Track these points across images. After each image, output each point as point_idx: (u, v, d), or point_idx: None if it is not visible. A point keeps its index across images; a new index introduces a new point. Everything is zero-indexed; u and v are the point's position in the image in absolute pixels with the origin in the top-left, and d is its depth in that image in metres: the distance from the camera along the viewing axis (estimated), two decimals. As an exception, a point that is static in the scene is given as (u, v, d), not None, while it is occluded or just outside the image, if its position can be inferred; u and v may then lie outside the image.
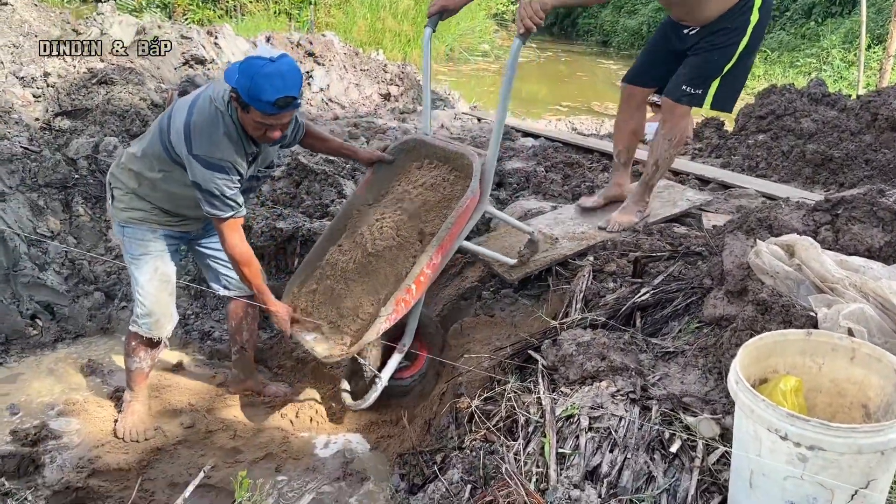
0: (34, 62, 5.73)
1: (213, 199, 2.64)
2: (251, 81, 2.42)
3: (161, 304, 2.98)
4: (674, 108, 3.23)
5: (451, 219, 2.70)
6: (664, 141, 3.30)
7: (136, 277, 2.95)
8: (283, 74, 2.45)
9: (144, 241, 2.90)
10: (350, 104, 6.81)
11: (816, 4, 13.54)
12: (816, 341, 1.84)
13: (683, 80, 3.18)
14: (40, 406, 3.39)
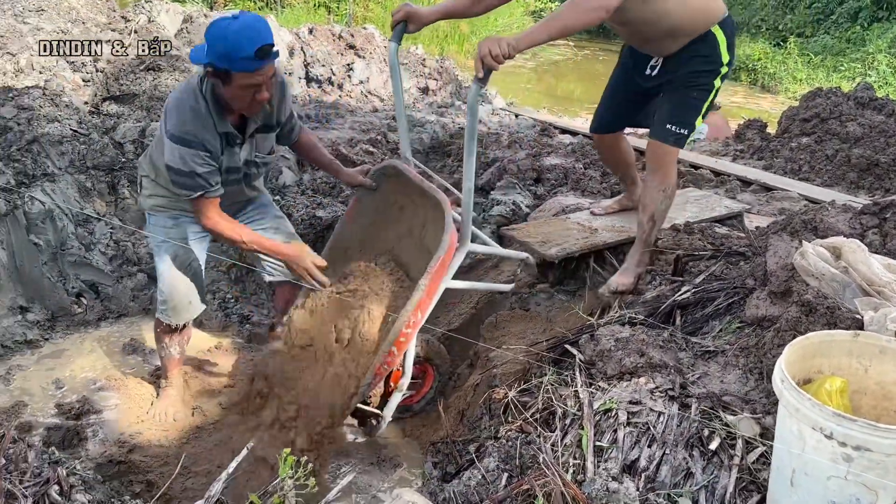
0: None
1: (181, 177, 2.57)
2: (225, 42, 2.35)
3: (178, 292, 2.96)
4: (662, 151, 2.94)
5: (424, 281, 2.60)
6: (658, 192, 3.00)
7: (157, 264, 2.98)
8: (252, 26, 2.38)
9: (165, 229, 2.91)
10: (389, 97, 6.86)
11: (863, 9, 13.30)
12: (864, 343, 1.82)
13: (668, 119, 2.91)
14: (83, 381, 3.49)
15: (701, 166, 4.58)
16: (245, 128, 2.70)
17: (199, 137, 2.53)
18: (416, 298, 2.60)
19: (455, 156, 5.13)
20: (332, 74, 6.63)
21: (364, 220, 3.15)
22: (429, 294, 2.66)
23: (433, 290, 2.68)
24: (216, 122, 2.58)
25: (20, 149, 4.00)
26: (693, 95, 2.87)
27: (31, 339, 3.72)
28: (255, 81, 2.43)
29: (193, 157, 2.53)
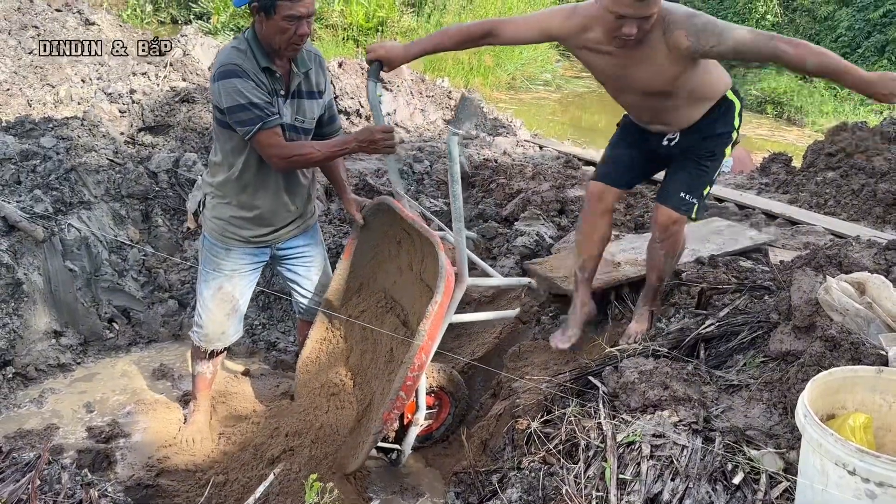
0: (121, 79, 6.05)
1: (239, 112, 2.57)
2: None
3: (215, 322, 3.04)
4: (673, 220, 2.81)
5: (424, 328, 2.58)
6: (666, 258, 2.93)
7: (201, 289, 3.05)
8: None
9: (217, 259, 2.96)
10: (415, 129, 6.96)
11: (890, 42, 13.25)
12: (887, 379, 1.83)
13: (682, 188, 2.80)
14: (114, 405, 3.56)
15: (726, 199, 4.59)
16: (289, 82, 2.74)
17: (242, 67, 2.57)
18: (418, 345, 2.60)
19: (479, 186, 5.19)
20: (360, 107, 6.76)
21: (363, 257, 3.17)
22: (431, 337, 2.65)
23: (434, 333, 2.67)
24: (257, 57, 2.61)
25: (58, 177, 4.14)
26: (707, 165, 2.79)
27: (64, 362, 3.81)
28: (297, 12, 2.50)
29: (242, 86, 2.56)
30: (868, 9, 14.09)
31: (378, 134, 2.62)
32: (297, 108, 2.78)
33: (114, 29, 8.84)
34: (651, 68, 2.54)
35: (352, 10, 14.70)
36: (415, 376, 2.66)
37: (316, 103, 2.85)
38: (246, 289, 3.06)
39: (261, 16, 2.55)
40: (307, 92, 2.80)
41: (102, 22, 8.77)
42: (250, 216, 2.89)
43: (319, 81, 2.85)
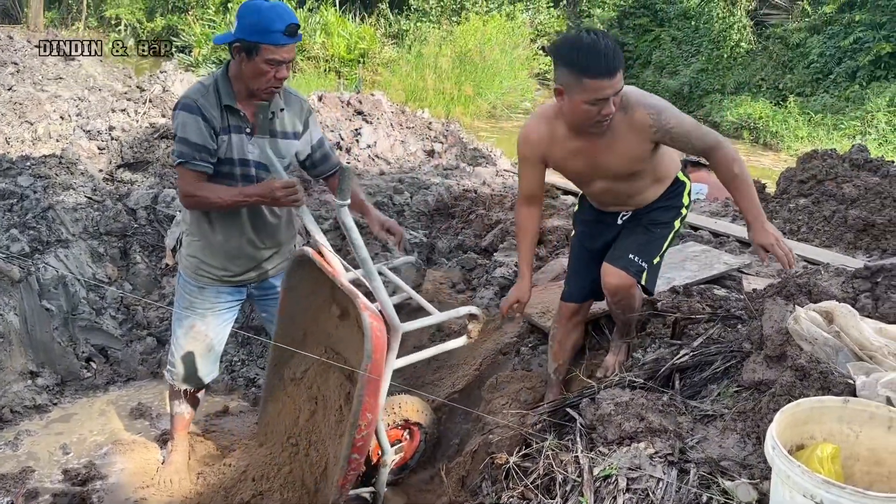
0: (100, 116, 6.07)
1: (176, 143, 2.64)
2: (258, 16, 2.49)
3: (188, 361, 3.01)
4: (622, 280, 2.77)
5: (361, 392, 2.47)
6: (626, 315, 2.95)
7: (174, 328, 3.04)
8: (282, 6, 2.55)
9: (190, 297, 2.95)
10: (395, 160, 7.02)
11: (861, 68, 13.55)
12: (853, 409, 1.86)
13: (630, 250, 2.79)
14: (91, 446, 3.53)
15: (700, 227, 4.66)
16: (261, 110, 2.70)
17: (198, 104, 2.60)
18: (357, 411, 2.49)
19: (459, 217, 5.23)
20: (340, 139, 6.81)
21: (299, 308, 2.97)
22: (370, 395, 2.52)
23: (374, 392, 2.54)
24: (221, 94, 2.64)
25: (36, 216, 4.13)
26: (656, 232, 2.83)
27: (40, 403, 3.77)
28: (279, 57, 2.53)
29: (192, 123, 2.59)
30: (838, 36, 14.43)
31: (279, 191, 2.58)
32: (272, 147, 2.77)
33: (94, 64, 8.88)
34: (620, 149, 2.60)
35: (333, 43, 14.86)
36: (364, 436, 2.55)
37: (290, 144, 2.85)
38: (221, 328, 3.04)
39: (241, 56, 2.57)
40: (283, 132, 2.81)
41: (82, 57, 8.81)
42: (219, 254, 2.87)
43: (294, 123, 2.84)
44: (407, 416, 3.13)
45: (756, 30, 16.91)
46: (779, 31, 16.10)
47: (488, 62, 14.23)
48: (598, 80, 2.38)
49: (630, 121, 2.55)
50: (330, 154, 3.02)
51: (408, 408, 3.13)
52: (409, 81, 13.45)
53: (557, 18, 20.26)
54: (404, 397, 3.18)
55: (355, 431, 2.51)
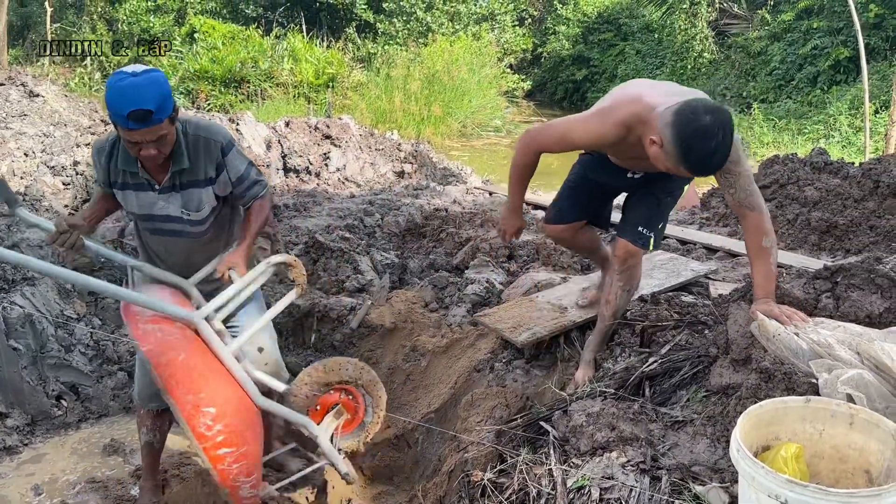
0: (65, 151, 6.02)
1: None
2: (108, 97, 2.40)
3: (144, 382, 2.97)
4: (630, 252, 2.96)
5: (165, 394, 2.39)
6: (622, 292, 3.07)
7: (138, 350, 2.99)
8: (138, 86, 2.38)
9: None
10: (366, 182, 7.03)
11: (821, 73, 13.86)
12: (815, 408, 1.88)
13: (639, 222, 2.96)
14: (63, 485, 3.46)
15: (668, 236, 4.71)
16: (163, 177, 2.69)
17: (97, 147, 2.75)
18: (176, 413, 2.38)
19: (430, 237, 5.25)
20: (309, 164, 6.81)
21: None
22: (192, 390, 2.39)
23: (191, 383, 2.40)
24: (119, 157, 2.66)
25: (0, 255, 4.07)
26: (665, 202, 2.98)
27: (10, 445, 3.69)
28: (133, 139, 2.44)
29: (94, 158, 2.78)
30: (798, 43, 14.76)
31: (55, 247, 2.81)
32: (184, 200, 2.74)
33: (59, 99, 8.80)
34: None
35: (301, 69, 14.91)
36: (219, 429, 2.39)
37: (205, 192, 2.76)
38: None
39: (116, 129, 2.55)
40: (191, 182, 2.72)
41: (47, 93, 8.73)
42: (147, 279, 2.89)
43: (205, 170, 2.74)
44: (330, 380, 2.83)
45: (718, 40, 17.25)
46: (740, 41, 16.44)
47: (456, 82, 14.35)
48: (691, 172, 2.49)
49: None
50: (248, 189, 2.84)
51: (329, 370, 2.83)
52: (378, 104, 13.52)
53: (523, 37, 20.52)
54: (328, 361, 2.89)
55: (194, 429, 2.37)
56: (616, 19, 19.68)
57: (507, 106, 16.84)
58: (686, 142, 2.39)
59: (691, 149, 2.39)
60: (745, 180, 2.57)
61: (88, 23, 21.12)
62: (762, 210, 2.57)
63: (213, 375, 2.48)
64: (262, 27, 18.89)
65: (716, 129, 2.37)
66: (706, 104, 2.43)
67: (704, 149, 2.38)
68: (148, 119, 2.39)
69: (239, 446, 2.45)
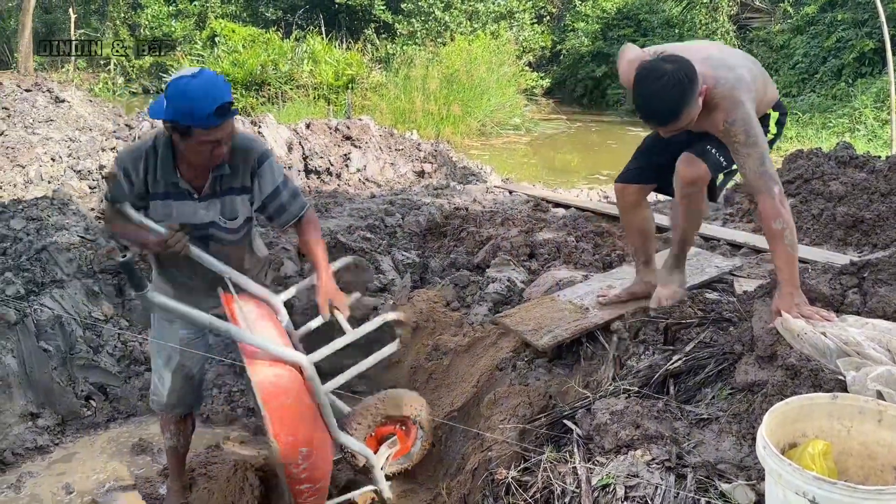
0: (90, 156, 6.11)
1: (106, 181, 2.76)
2: (185, 100, 2.40)
3: (169, 387, 3.01)
4: (695, 170, 2.85)
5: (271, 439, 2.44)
6: (689, 214, 3.05)
7: (155, 358, 3.04)
8: (213, 83, 2.44)
9: (163, 331, 2.96)
10: (386, 182, 7.06)
11: (846, 66, 13.66)
12: (843, 405, 1.87)
13: (709, 144, 2.83)
14: (93, 484, 3.52)
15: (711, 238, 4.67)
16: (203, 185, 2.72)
17: (123, 163, 2.63)
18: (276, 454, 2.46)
19: (451, 236, 5.25)
20: (330, 165, 6.85)
21: None
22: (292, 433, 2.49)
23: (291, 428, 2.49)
24: (160, 166, 2.64)
25: (29, 258, 4.15)
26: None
27: (42, 444, 3.77)
28: (214, 137, 2.48)
29: (117, 161, 2.68)
30: (822, 35, 14.57)
31: (156, 247, 2.65)
32: (222, 206, 2.76)
33: (84, 104, 8.94)
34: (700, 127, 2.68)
35: (321, 70, 14.99)
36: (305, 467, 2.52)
37: (241, 200, 2.79)
38: (196, 358, 3.02)
39: (176, 135, 2.53)
40: (230, 188, 2.75)
41: (73, 98, 8.87)
42: (183, 294, 2.82)
43: (243, 178, 2.78)
44: (391, 413, 3.02)
45: (739, 34, 17.07)
46: (762, 34, 16.26)
47: (475, 81, 14.35)
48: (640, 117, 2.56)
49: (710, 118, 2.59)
50: (284, 207, 2.86)
51: (391, 404, 3.02)
52: (397, 104, 13.56)
53: (542, 34, 20.45)
54: (390, 393, 3.08)
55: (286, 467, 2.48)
56: (636, 15, 19.54)
57: (527, 104, 16.79)
58: (635, 79, 2.47)
59: (635, 87, 2.47)
60: (756, 161, 2.54)
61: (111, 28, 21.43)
62: (772, 192, 2.53)
63: (308, 415, 2.57)
64: (281, 30, 19.04)
65: (661, 75, 2.41)
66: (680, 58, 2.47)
67: (640, 91, 2.45)
68: (230, 111, 2.46)
69: (316, 482, 2.60)
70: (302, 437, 2.52)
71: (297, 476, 2.52)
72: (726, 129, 2.57)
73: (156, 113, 2.51)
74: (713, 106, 2.57)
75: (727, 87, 2.57)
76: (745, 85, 2.61)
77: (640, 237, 3.30)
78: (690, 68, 2.46)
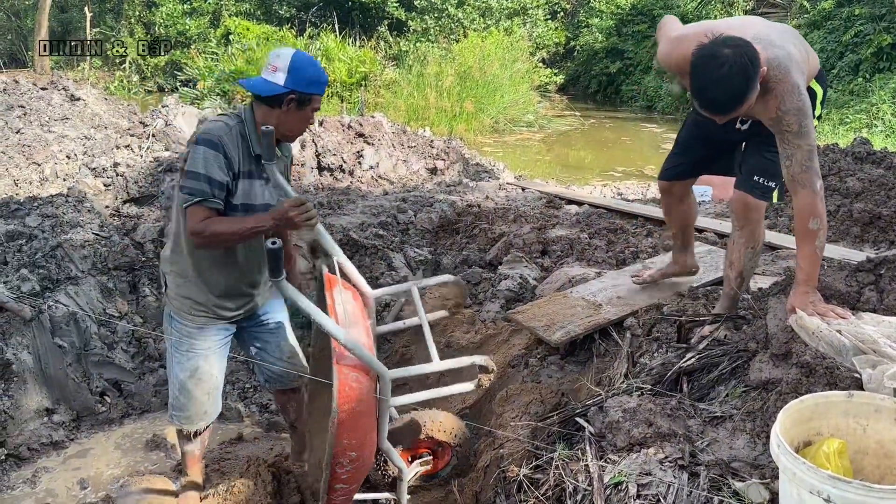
0: (105, 153, 6.15)
1: (189, 179, 2.51)
2: (314, 70, 2.64)
3: (196, 402, 2.91)
4: (749, 205, 2.85)
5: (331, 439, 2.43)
6: (746, 250, 2.92)
7: (176, 372, 2.88)
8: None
9: (190, 339, 2.83)
10: (398, 179, 7.06)
11: (863, 61, 13.50)
12: (858, 403, 1.84)
13: (756, 171, 2.80)
14: (108, 479, 3.55)
15: (705, 229, 4.64)
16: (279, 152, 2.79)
17: (222, 141, 2.54)
18: (329, 454, 2.46)
19: (463, 233, 5.24)
20: (343, 162, 6.85)
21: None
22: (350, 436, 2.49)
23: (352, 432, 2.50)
24: (251, 141, 2.65)
25: (45, 255, 4.18)
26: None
27: (57, 440, 3.80)
28: (318, 106, 2.75)
29: (213, 159, 2.52)
30: (839, 30, 14.41)
31: (291, 210, 2.51)
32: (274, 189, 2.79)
33: (99, 102, 9.01)
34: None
35: (334, 68, 15.00)
36: (349, 470, 2.53)
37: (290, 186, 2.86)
38: (222, 364, 2.97)
39: (291, 106, 2.64)
40: (281, 171, 2.80)
41: (88, 96, 8.94)
42: (215, 293, 2.80)
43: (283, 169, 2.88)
44: (435, 435, 3.12)
45: (755, 29, 16.87)
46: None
47: (489, 78, 14.31)
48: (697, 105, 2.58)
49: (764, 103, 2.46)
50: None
51: (435, 426, 3.12)
52: (410, 101, 13.55)
53: (555, 30, 20.37)
54: (435, 415, 3.16)
55: (333, 467, 2.49)
56: (650, 10, 19.41)
57: (540, 100, 16.74)
58: (693, 66, 2.35)
59: (693, 74, 2.35)
60: (805, 155, 2.45)
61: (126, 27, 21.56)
62: (815, 190, 2.46)
63: (370, 423, 2.60)
64: (295, 27, 19.09)
65: (723, 62, 2.29)
66: (740, 40, 2.33)
67: (700, 79, 2.33)
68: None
69: (352, 484, 2.63)
70: (357, 441, 2.52)
71: (339, 476, 2.53)
72: (779, 117, 2.46)
73: (268, 88, 2.59)
74: (767, 90, 2.44)
75: (781, 69, 2.44)
76: (796, 65, 2.49)
77: (682, 225, 3.39)
78: (752, 52, 2.32)
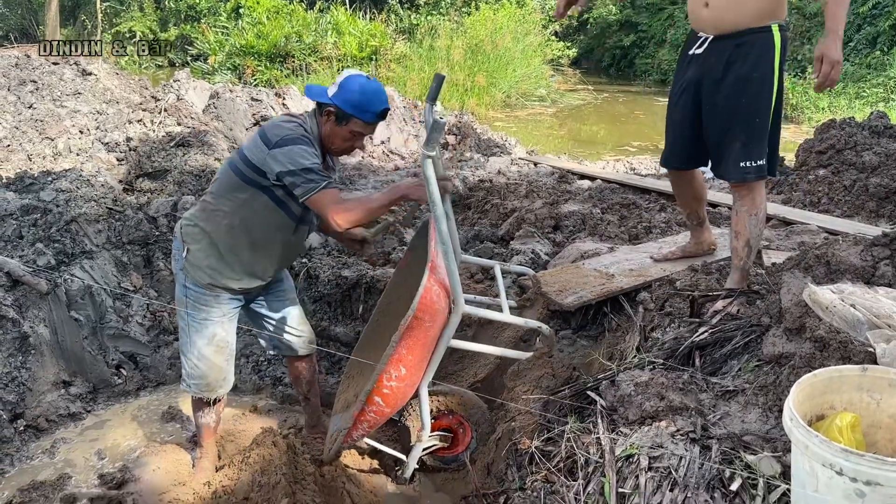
0: (118, 128, 6.16)
1: (304, 173, 2.62)
2: (361, 95, 2.69)
3: (215, 369, 3.03)
4: (748, 187, 2.92)
5: (395, 338, 2.61)
6: (749, 218, 2.95)
7: (194, 340, 2.98)
8: (382, 91, 2.77)
9: (207, 307, 2.94)
10: (410, 154, 7.04)
11: (881, 34, 13.28)
12: (873, 377, 1.84)
13: (739, 158, 2.86)
14: (125, 450, 3.60)
15: (719, 204, 4.62)
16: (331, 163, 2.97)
17: (306, 137, 2.72)
18: (388, 355, 2.62)
19: (475, 208, 5.24)
20: (354, 137, 6.85)
21: (411, 269, 3.25)
22: (409, 350, 2.66)
23: (413, 347, 2.66)
24: (318, 148, 2.80)
25: (59, 229, 4.22)
26: (755, 121, 2.83)
27: (74, 412, 3.86)
28: (365, 132, 2.81)
29: (306, 152, 2.66)
30: (856, 2, 14.14)
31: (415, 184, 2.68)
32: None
33: (111, 77, 8.99)
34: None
35: (345, 42, 14.91)
36: (392, 387, 2.67)
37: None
38: (234, 331, 3.10)
39: (330, 118, 2.75)
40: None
41: (99, 71, 8.92)
42: (243, 271, 2.92)
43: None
44: (454, 410, 3.19)
45: (771, 1, 16.58)
46: (795, 2, 15.81)
47: (500, 51, 14.17)
48: None
49: None
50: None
51: (458, 401, 3.20)
52: (422, 76, 13.46)
53: (568, 3, 20.05)
54: (471, 396, 3.25)
55: (383, 374, 2.63)
56: (664, -18, 19.13)
57: (552, 74, 16.58)
58: None
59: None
60: None
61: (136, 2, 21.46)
62: None
63: (427, 347, 2.76)
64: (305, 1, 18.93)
65: None
66: None
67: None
68: (385, 117, 2.84)
69: (384, 408, 2.74)
70: (412, 359, 2.69)
71: (380, 389, 2.66)
72: None
73: (318, 95, 2.74)
74: None
75: None
76: None
77: (694, 202, 3.39)
78: None
